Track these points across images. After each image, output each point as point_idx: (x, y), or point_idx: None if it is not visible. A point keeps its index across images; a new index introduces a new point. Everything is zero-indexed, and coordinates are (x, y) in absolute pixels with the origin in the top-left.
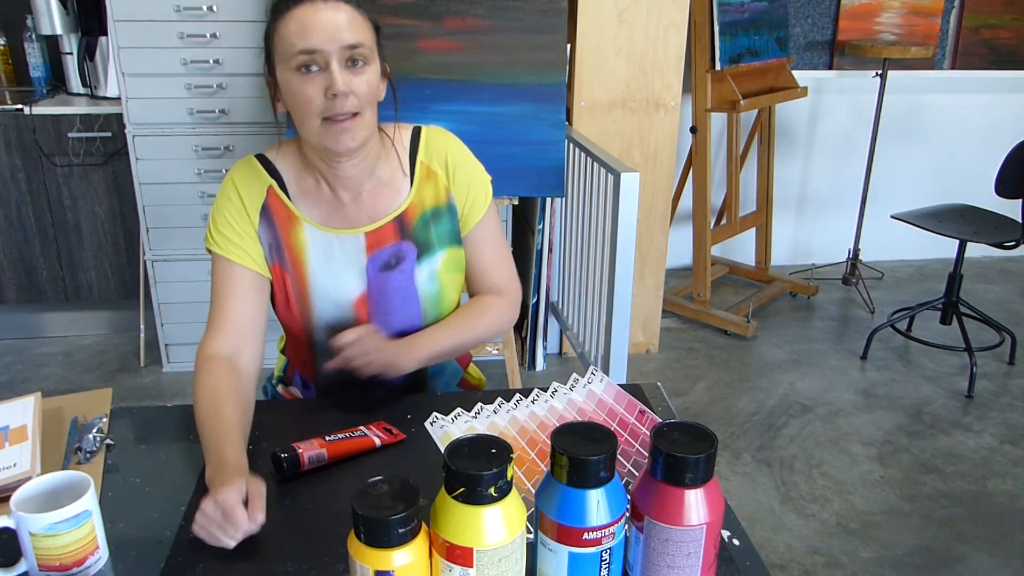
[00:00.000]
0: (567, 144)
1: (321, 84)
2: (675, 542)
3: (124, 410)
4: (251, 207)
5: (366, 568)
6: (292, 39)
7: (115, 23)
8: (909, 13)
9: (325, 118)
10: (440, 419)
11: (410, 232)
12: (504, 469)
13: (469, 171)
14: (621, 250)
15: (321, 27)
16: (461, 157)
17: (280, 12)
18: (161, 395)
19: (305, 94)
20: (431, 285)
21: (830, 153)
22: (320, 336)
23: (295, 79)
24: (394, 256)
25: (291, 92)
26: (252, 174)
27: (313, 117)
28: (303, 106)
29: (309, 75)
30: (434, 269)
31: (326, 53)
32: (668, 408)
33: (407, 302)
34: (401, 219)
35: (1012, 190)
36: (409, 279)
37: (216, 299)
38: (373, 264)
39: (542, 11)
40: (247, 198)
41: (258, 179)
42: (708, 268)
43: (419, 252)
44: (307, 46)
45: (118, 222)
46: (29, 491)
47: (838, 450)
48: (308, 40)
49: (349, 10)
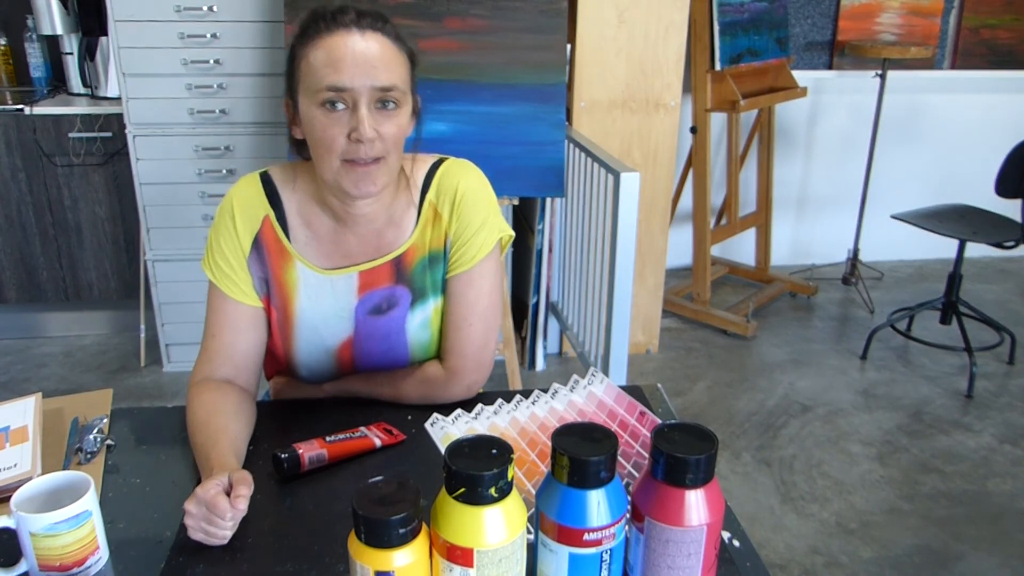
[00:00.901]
0: (567, 144)
1: (346, 124)
2: (675, 543)
3: (124, 411)
4: (244, 236)
5: (366, 568)
6: (320, 71)
7: (115, 23)
8: (909, 13)
9: (346, 160)
10: (440, 420)
11: (407, 276)
12: (505, 469)
13: (472, 213)
14: (621, 250)
15: (354, 63)
16: (471, 197)
17: (310, 36)
18: (161, 395)
19: (328, 133)
20: (422, 332)
21: (830, 153)
22: (303, 373)
23: (319, 114)
24: (385, 300)
25: (312, 126)
26: (252, 199)
27: (334, 157)
28: (324, 144)
29: (335, 113)
30: (427, 316)
31: (355, 92)
32: (668, 410)
33: (394, 347)
34: (399, 261)
35: (1012, 190)
36: (399, 325)
37: (209, 327)
38: (363, 306)
39: (542, 11)
40: (241, 225)
41: (256, 206)
42: (708, 268)
43: (413, 298)
44: (336, 83)
45: (118, 222)
46: (29, 491)
47: (838, 450)
48: (338, 77)
49: (386, 44)
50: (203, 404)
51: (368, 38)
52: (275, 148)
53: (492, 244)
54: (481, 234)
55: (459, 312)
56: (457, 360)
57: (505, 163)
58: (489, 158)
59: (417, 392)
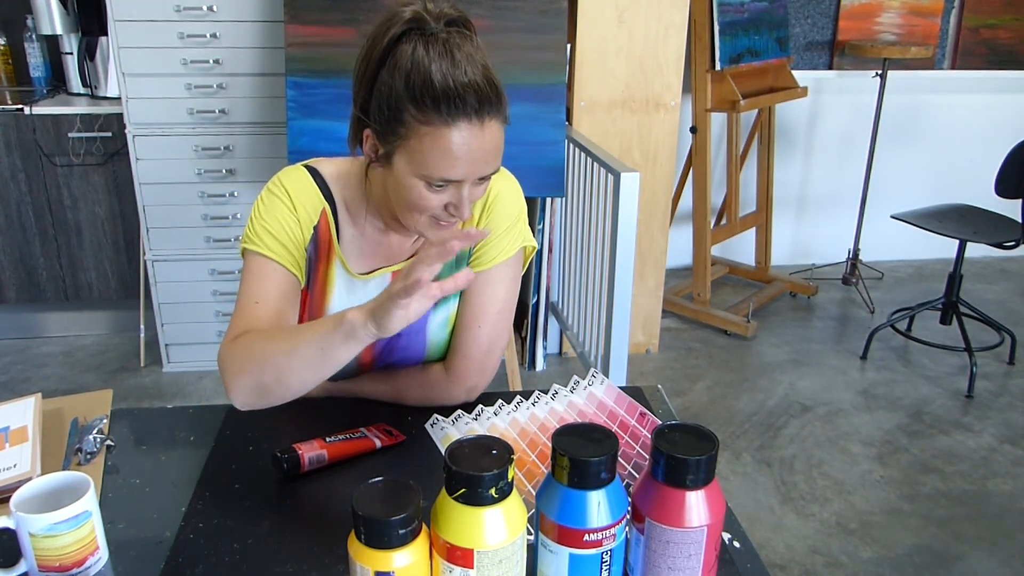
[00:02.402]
0: (567, 144)
1: (446, 198)
2: (676, 544)
3: (124, 411)
4: (305, 222)
5: (366, 569)
6: (437, 162)
7: (115, 23)
8: (909, 13)
9: (435, 217)
10: (440, 420)
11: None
12: (505, 470)
13: (502, 215)
14: (621, 250)
15: (470, 159)
16: (504, 200)
17: (429, 117)
18: (161, 395)
19: (427, 203)
20: (441, 332)
21: (830, 153)
22: None
23: (421, 187)
24: None
25: (410, 192)
26: (308, 189)
27: (424, 215)
28: (419, 208)
29: (439, 190)
30: (448, 315)
31: (464, 182)
32: (668, 411)
33: (412, 346)
34: None
35: (1012, 190)
36: (421, 325)
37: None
38: None
39: (542, 11)
40: (302, 211)
41: (314, 196)
42: (708, 268)
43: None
44: (452, 178)
45: (118, 222)
46: (29, 492)
47: (838, 450)
48: (454, 172)
49: (500, 130)
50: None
51: (486, 129)
52: (275, 148)
53: (515, 250)
54: (506, 237)
55: (470, 312)
56: (460, 361)
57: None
58: None
59: (417, 393)
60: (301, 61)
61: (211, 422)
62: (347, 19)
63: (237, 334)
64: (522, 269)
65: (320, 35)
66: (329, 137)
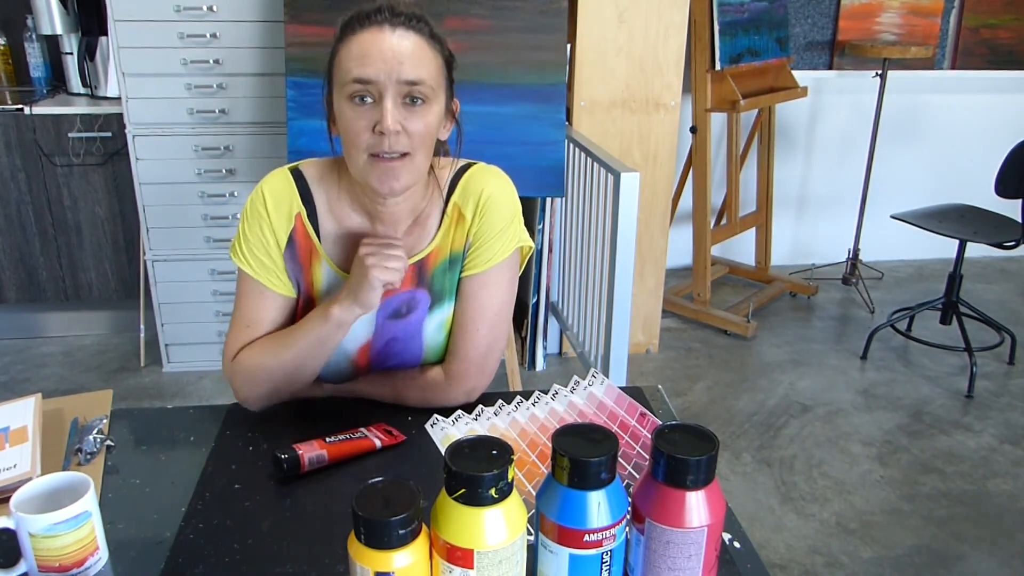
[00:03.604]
0: (567, 144)
1: (372, 118)
2: (676, 544)
3: (124, 411)
4: (280, 231)
5: (366, 569)
6: (349, 65)
7: (115, 23)
8: (909, 13)
9: (372, 154)
10: (440, 421)
11: (427, 279)
12: (505, 470)
13: (496, 216)
14: (621, 250)
15: (381, 57)
16: (497, 200)
17: (345, 34)
18: (161, 395)
19: (354, 126)
20: (438, 335)
21: (830, 153)
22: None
23: (347, 108)
24: (405, 304)
25: (342, 121)
26: (285, 194)
27: (360, 151)
28: (351, 138)
29: (362, 106)
30: (444, 319)
31: (381, 85)
32: (669, 411)
33: (408, 349)
34: (421, 264)
35: (1012, 190)
36: (417, 328)
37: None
38: (383, 310)
39: (542, 11)
40: (276, 220)
41: (289, 202)
42: (708, 268)
43: (432, 301)
44: (362, 75)
45: (118, 222)
46: (29, 492)
47: (838, 450)
48: (364, 69)
49: (418, 41)
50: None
51: (399, 35)
52: (275, 148)
53: (510, 251)
54: (501, 239)
55: (467, 315)
56: (459, 364)
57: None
58: (489, 158)
59: (417, 395)
60: (301, 61)
61: (211, 422)
62: None
63: (235, 352)
64: (519, 270)
65: (320, 35)
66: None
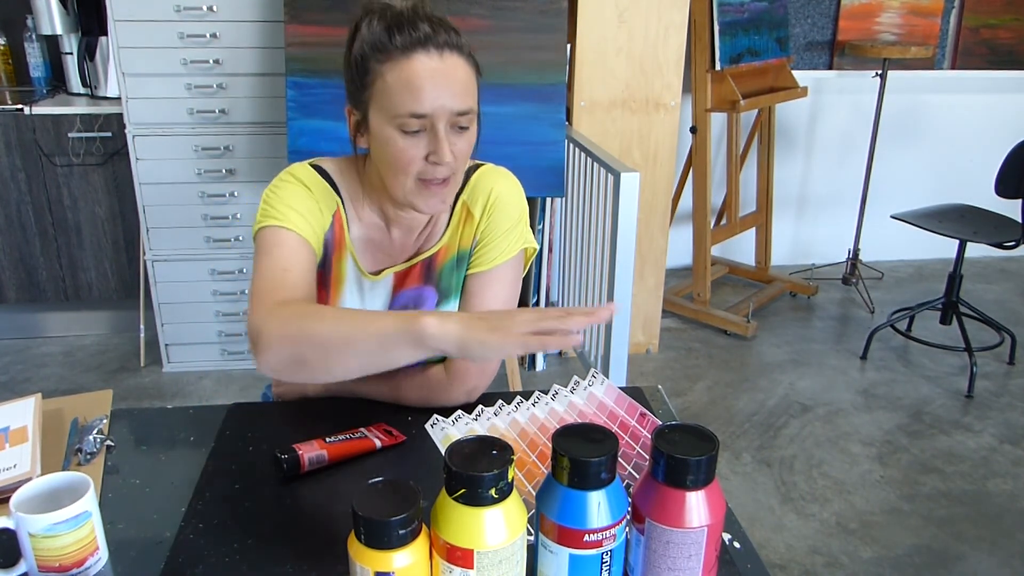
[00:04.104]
0: (567, 144)
1: (424, 147)
2: (676, 544)
3: (124, 411)
4: (325, 210)
5: (366, 569)
6: (402, 97)
7: (115, 23)
8: (909, 13)
9: (421, 179)
10: (440, 421)
11: (435, 277)
12: (505, 470)
13: (503, 215)
14: (621, 250)
15: (435, 90)
16: (505, 200)
17: (388, 54)
18: (161, 395)
19: (407, 155)
20: None
21: (830, 153)
22: None
23: (397, 137)
24: (413, 301)
25: (388, 147)
26: (321, 184)
27: (409, 177)
28: (401, 165)
29: (414, 136)
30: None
31: (435, 118)
32: (669, 411)
33: None
34: (430, 261)
35: (1012, 190)
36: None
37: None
38: (393, 307)
39: (542, 11)
40: (322, 201)
41: (327, 193)
42: (708, 268)
43: (439, 298)
44: (419, 111)
45: (118, 222)
46: (29, 492)
47: (838, 450)
48: (420, 105)
49: (464, 67)
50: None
51: (446, 60)
52: (275, 148)
53: (515, 251)
54: (507, 238)
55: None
56: (461, 363)
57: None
58: (489, 158)
59: (417, 394)
60: (301, 61)
61: (211, 422)
62: (347, 19)
63: (275, 302)
64: (523, 271)
65: (320, 35)
66: (329, 137)
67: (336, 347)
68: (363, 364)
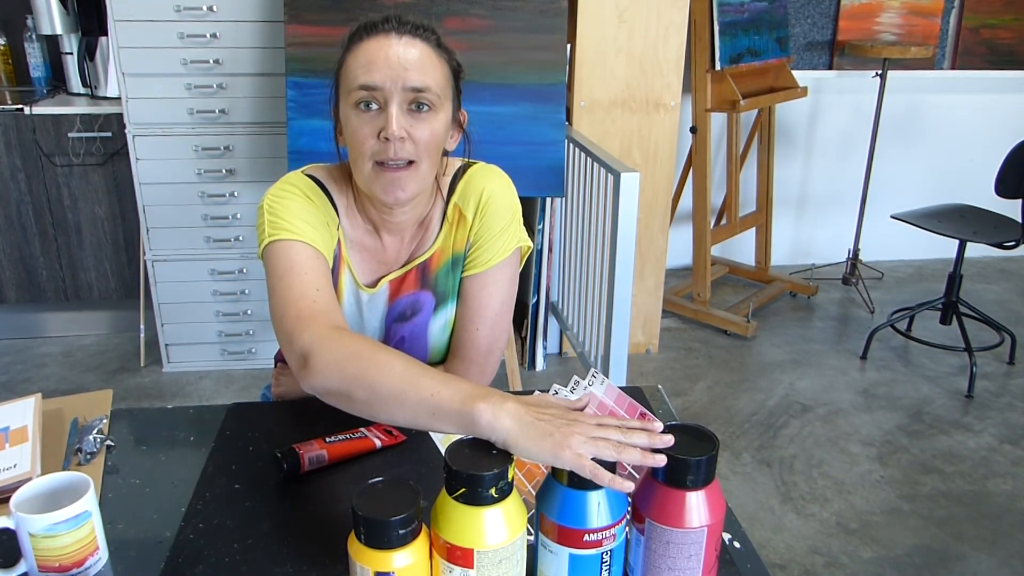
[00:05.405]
0: (567, 144)
1: (377, 125)
2: (676, 544)
3: (124, 411)
4: (331, 224)
5: (366, 569)
6: (356, 72)
7: (115, 23)
8: (909, 13)
9: (378, 162)
10: None
11: (431, 281)
12: (505, 470)
13: (496, 216)
14: (621, 250)
15: (387, 63)
16: (497, 200)
17: (353, 42)
18: (161, 395)
19: (360, 133)
20: (442, 335)
21: (830, 153)
22: None
23: (353, 115)
24: (410, 307)
25: (348, 128)
26: (321, 196)
27: (365, 159)
28: (356, 146)
29: (367, 113)
30: (448, 319)
31: (386, 92)
32: (669, 411)
33: (414, 350)
34: (425, 266)
35: (1012, 190)
36: (421, 330)
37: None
38: (391, 315)
39: (542, 11)
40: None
41: (328, 205)
42: (708, 268)
43: (437, 302)
44: (368, 82)
45: (118, 222)
46: (29, 492)
47: (838, 450)
48: (370, 76)
49: (424, 48)
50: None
51: (406, 42)
52: (275, 148)
53: (510, 251)
54: (501, 238)
55: (467, 315)
56: (460, 364)
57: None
58: (489, 158)
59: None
60: (301, 61)
61: (211, 422)
62: (347, 19)
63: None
64: (519, 269)
65: (320, 35)
66: (329, 137)
67: (388, 399)
68: (407, 420)
